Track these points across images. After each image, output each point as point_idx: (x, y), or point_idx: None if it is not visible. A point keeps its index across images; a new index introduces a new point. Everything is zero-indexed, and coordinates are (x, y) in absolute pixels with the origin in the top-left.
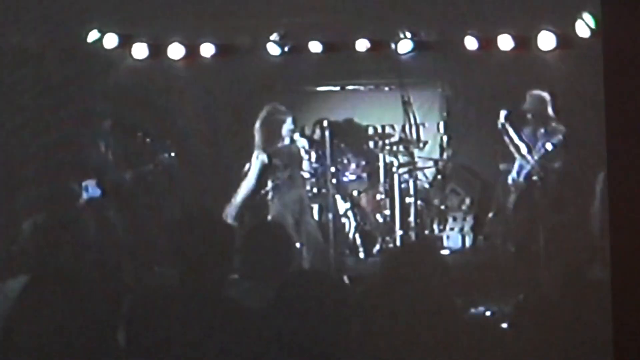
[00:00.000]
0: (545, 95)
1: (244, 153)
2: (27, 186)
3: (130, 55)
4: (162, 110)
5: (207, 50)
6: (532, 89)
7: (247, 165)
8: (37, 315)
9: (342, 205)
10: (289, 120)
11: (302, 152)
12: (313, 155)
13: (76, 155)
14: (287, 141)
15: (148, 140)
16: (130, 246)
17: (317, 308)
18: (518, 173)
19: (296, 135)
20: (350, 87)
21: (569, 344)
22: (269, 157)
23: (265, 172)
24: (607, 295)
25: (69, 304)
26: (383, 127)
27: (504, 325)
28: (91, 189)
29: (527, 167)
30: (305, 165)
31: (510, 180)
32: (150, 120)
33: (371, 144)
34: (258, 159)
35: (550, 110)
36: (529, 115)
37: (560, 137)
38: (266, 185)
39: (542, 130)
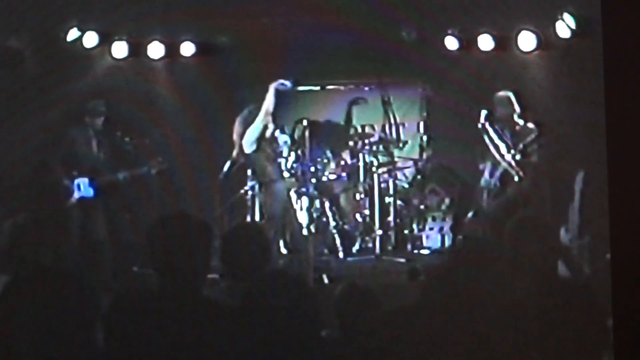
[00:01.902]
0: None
1: (225, 152)
2: (11, 185)
3: (110, 54)
4: (141, 108)
5: (186, 49)
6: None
7: (227, 164)
8: (16, 315)
9: (322, 205)
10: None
11: (285, 151)
12: (292, 154)
13: (68, 152)
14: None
15: (127, 139)
16: (110, 246)
17: (296, 307)
18: (501, 173)
19: (277, 132)
20: (330, 87)
21: (555, 346)
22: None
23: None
24: (603, 294)
25: (48, 303)
26: (363, 127)
27: (485, 325)
28: (83, 187)
29: (509, 167)
30: (285, 164)
31: (492, 180)
32: (130, 119)
33: (351, 143)
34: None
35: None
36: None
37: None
38: (245, 184)
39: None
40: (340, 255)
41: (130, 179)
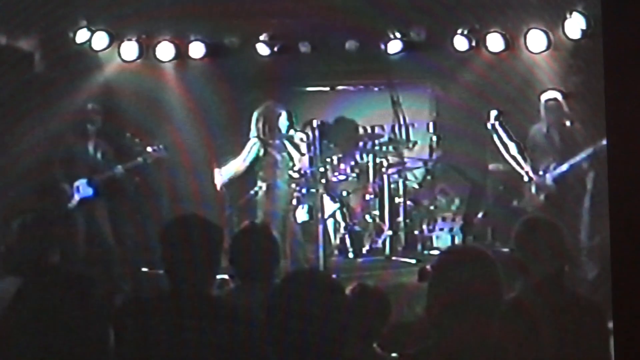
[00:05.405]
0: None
1: (233, 152)
2: (17, 185)
3: (119, 54)
4: (151, 109)
5: (196, 49)
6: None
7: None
8: (27, 315)
9: (332, 206)
10: (284, 116)
11: (296, 153)
12: (305, 155)
13: (66, 155)
14: (279, 139)
15: (137, 140)
16: (118, 247)
17: (306, 308)
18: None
19: (292, 131)
20: (339, 87)
21: (563, 346)
22: (264, 147)
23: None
24: (607, 296)
25: (58, 303)
26: (372, 127)
27: (494, 326)
28: (82, 188)
29: (519, 167)
30: (295, 165)
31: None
32: (139, 119)
33: (360, 144)
34: (254, 146)
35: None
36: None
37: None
38: (255, 184)
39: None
40: (350, 255)
41: (126, 172)
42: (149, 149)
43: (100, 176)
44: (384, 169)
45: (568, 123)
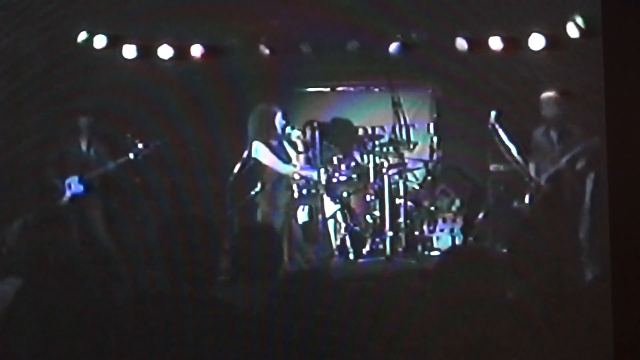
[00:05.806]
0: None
1: (232, 153)
2: (17, 185)
3: (120, 57)
4: (151, 109)
5: (196, 51)
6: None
7: (237, 166)
8: (29, 316)
9: (332, 206)
10: (279, 115)
11: (293, 152)
12: (303, 156)
13: (60, 153)
14: (277, 139)
15: (137, 142)
16: (114, 245)
17: (307, 309)
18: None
19: (288, 129)
20: (340, 88)
21: (564, 347)
22: (263, 148)
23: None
24: (606, 295)
25: (60, 304)
26: (373, 128)
27: (494, 327)
28: (74, 185)
29: (519, 169)
30: (295, 165)
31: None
32: (138, 119)
33: (361, 144)
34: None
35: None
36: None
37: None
38: (256, 185)
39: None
40: (351, 256)
41: (117, 168)
42: (140, 145)
43: (92, 173)
44: (384, 170)
45: (569, 124)
